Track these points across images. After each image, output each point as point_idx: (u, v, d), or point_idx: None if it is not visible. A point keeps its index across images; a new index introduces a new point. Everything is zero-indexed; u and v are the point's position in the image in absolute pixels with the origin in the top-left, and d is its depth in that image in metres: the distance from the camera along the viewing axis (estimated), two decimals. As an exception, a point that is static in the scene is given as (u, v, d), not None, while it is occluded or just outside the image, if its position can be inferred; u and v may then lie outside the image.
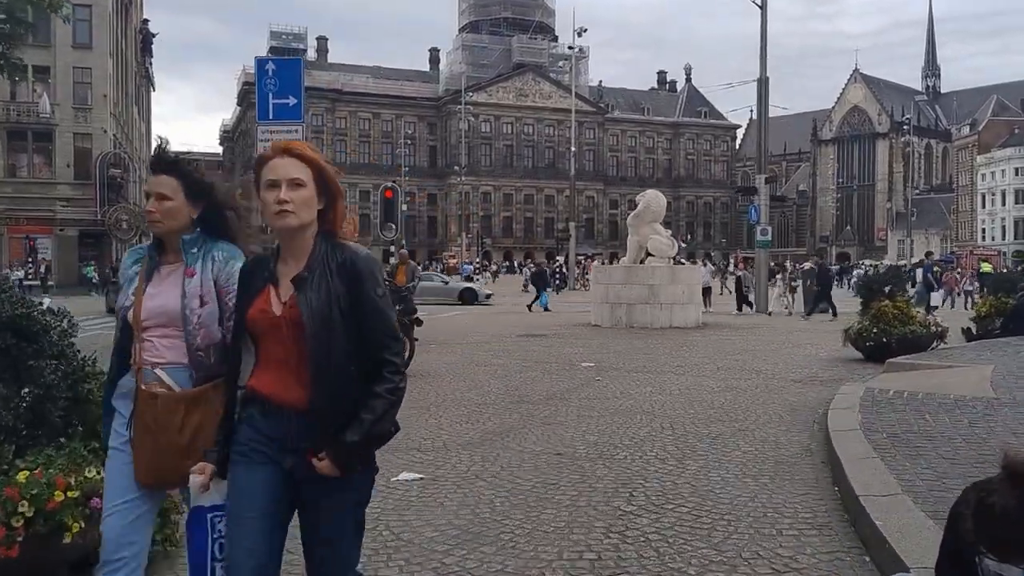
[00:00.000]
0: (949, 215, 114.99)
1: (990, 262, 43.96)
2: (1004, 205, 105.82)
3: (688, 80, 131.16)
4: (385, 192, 21.88)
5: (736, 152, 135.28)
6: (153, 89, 78.58)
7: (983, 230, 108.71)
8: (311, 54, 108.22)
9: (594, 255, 79.71)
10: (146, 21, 67.08)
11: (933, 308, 22.60)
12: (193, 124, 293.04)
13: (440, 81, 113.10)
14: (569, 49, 61.17)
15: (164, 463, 2.80)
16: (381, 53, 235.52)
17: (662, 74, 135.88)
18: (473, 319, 24.38)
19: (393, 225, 21.69)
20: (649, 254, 21.49)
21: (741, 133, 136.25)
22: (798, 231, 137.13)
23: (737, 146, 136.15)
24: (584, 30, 53.98)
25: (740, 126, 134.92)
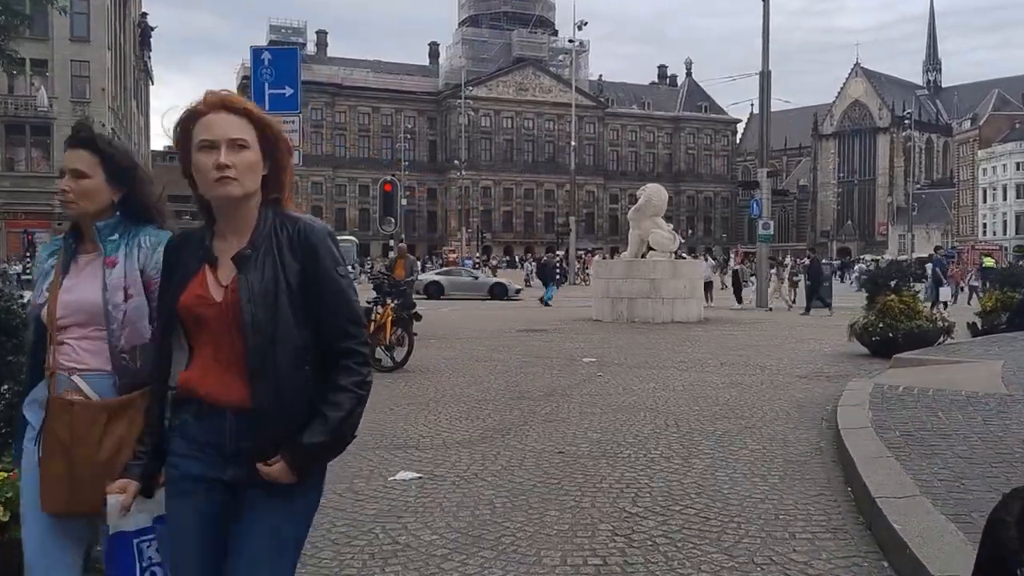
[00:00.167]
0: (950, 210, 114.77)
1: (992, 257, 43.69)
2: (1005, 200, 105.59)
3: (689, 74, 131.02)
4: (384, 186, 21.72)
5: (736, 147, 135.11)
6: (152, 83, 78.29)
7: (984, 225, 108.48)
8: (310, 48, 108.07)
9: (594, 250, 79.52)
10: (144, 14, 66.76)
11: (943, 303, 22.45)
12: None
13: (440, 75, 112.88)
14: (569, 43, 60.94)
15: (80, 484, 2.43)
16: (380, 49, 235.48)
17: (662, 68, 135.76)
18: (473, 313, 24.18)
19: (392, 219, 21.55)
20: (650, 248, 21.30)
21: (741, 128, 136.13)
22: (798, 226, 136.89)
23: (738, 141, 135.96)
24: (584, 23, 53.80)
25: (740, 121, 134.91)
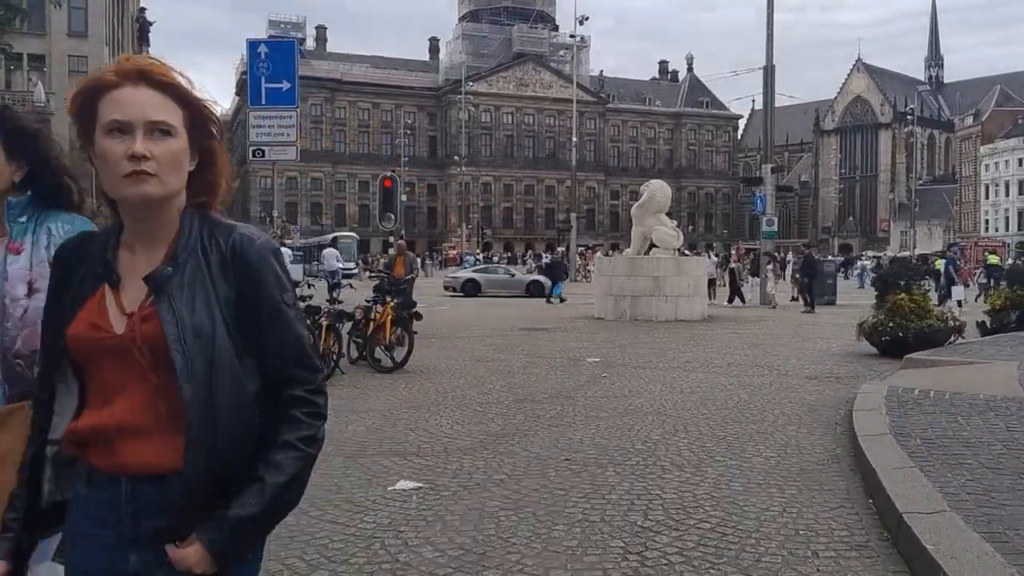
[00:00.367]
0: (952, 206, 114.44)
1: (996, 254, 43.36)
2: (1007, 196, 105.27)
3: (690, 70, 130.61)
4: (384, 182, 21.48)
5: (738, 143, 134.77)
6: (151, 78, 77.95)
7: (986, 221, 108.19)
8: (310, 43, 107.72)
9: (595, 246, 79.24)
10: (143, 9, 66.40)
11: (956, 302, 22.15)
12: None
13: (440, 71, 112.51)
14: (571, 38, 60.56)
15: None
16: (380, 44, 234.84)
17: (663, 64, 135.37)
18: (474, 312, 23.95)
19: (392, 215, 21.28)
20: (654, 245, 21.04)
21: (743, 124, 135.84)
22: (800, 222, 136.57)
23: (739, 137, 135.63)
24: (586, 18, 53.43)
25: (742, 116, 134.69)
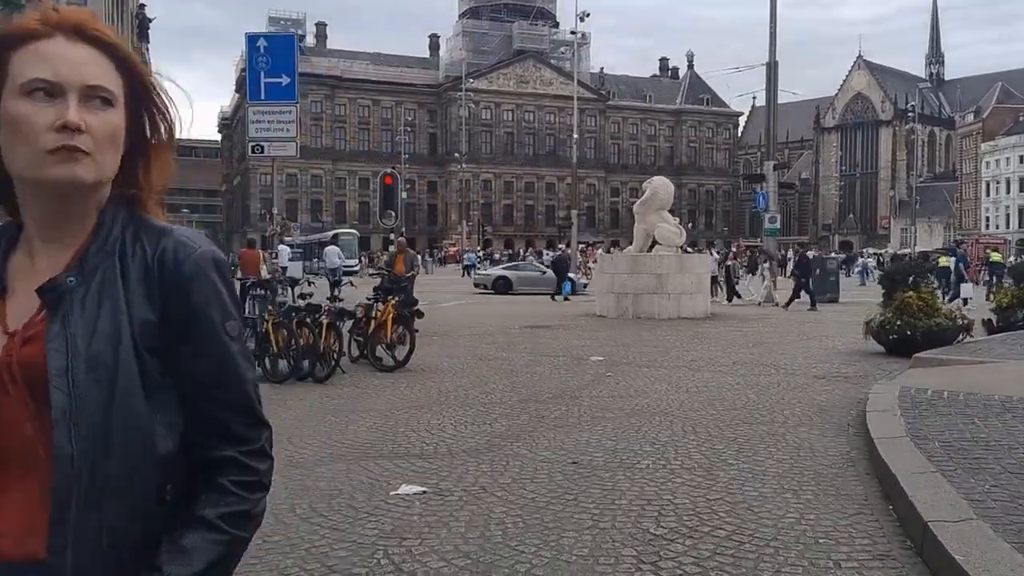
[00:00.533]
0: (952, 203, 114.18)
1: (999, 251, 43.23)
2: (1008, 193, 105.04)
3: (690, 67, 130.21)
4: (385, 179, 21.31)
5: (738, 140, 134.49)
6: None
7: (987, 218, 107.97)
8: (310, 40, 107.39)
9: (595, 243, 79.04)
10: (143, 6, 66.24)
11: (963, 300, 22.00)
12: (194, 111, 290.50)
13: (440, 68, 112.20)
14: (572, 34, 60.23)
15: None
16: (380, 41, 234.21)
17: (664, 61, 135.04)
18: (476, 309, 23.78)
19: (393, 212, 21.10)
20: (656, 243, 20.87)
21: (743, 121, 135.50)
22: (800, 219, 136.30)
23: (739, 134, 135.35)
24: (587, 14, 52.99)
25: (742, 113, 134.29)
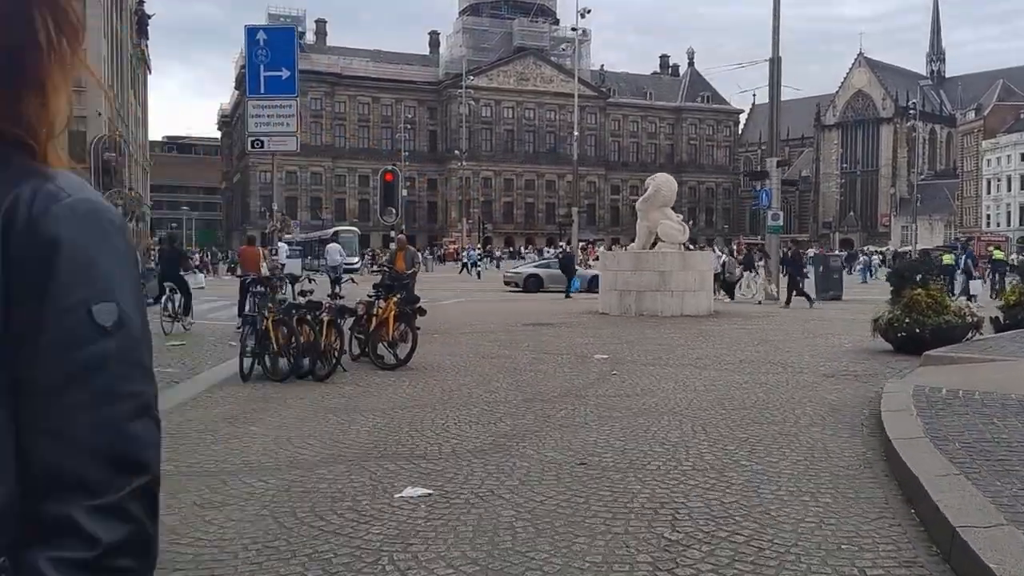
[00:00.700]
0: (953, 201, 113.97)
1: (1001, 249, 43.05)
2: (1009, 191, 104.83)
3: (691, 64, 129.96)
4: (385, 175, 21.11)
5: (739, 137, 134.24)
6: (150, 72, 77.51)
7: (988, 216, 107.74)
8: (309, 37, 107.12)
9: (595, 240, 78.90)
10: (142, 2, 65.98)
11: (972, 297, 21.92)
12: (193, 109, 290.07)
13: (440, 65, 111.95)
14: (572, 31, 60.11)
15: None
16: (380, 38, 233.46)
17: (664, 58, 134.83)
18: (476, 307, 23.62)
19: (394, 209, 20.91)
20: (659, 240, 20.69)
21: (743, 118, 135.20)
22: (800, 217, 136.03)
23: (740, 131, 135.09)
24: (588, 11, 52.86)
25: (743, 111, 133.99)
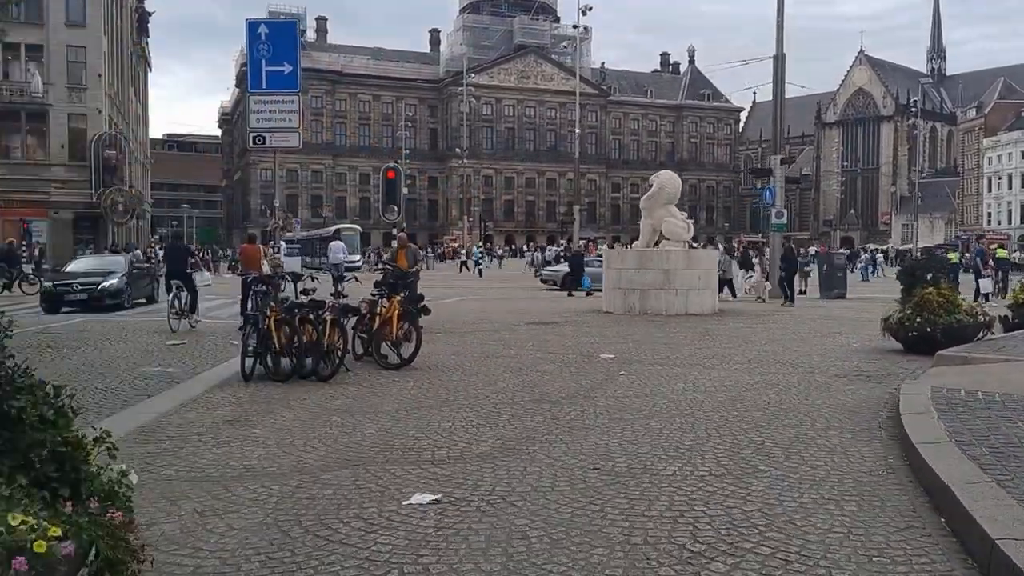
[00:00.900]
0: (954, 199, 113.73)
1: (1004, 247, 42.86)
2: (1010, 189, 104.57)
3: (691, 62, 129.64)
4: (387, 173, 21.04)
5: (739, 135, 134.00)
6: (150, 69, 77.30)
7: (989, 214, 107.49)
8: (310, 35, 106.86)
9: (596, 238, 78.72)
10: (142, 0, 65.78)
11: (984, 296, 21.80)
12: (194, 107, 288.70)
13: (441, 63, 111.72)
14: (573, 28, 59.99)
15: None
16: (381, 36, 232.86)
17: (665, 56, 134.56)
18: (479, 305, 23.44)
19: (396, 207, 20.83)
20: (663, 238, 20.52)
21: (744, 116, 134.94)
22: (801, 215, 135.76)
23: (740, 129, 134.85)
24: (589, 8, 52.69)
25: (743, 109, 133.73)
